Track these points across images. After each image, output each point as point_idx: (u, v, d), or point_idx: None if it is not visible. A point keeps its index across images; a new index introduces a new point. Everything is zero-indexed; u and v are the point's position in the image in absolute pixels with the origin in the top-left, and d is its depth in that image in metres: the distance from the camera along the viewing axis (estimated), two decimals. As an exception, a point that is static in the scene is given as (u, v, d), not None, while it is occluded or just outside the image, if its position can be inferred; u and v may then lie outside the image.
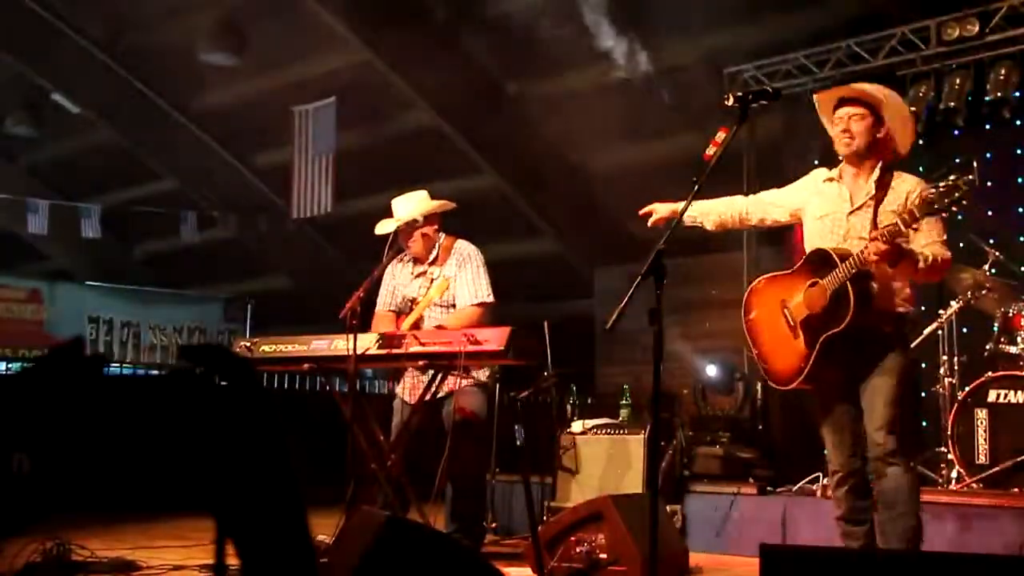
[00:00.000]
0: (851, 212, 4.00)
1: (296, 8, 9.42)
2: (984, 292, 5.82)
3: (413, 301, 5.17)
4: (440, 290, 5.00)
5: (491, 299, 5.09)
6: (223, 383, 0.84)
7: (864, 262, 3.77)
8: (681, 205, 4.12)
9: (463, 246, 5.21)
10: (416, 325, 4.94)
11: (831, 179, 4.12)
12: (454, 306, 5.09)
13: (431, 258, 5.21)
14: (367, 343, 4.73)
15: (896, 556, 3.23)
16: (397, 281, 5.29)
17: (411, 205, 5.19)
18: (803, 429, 5.78)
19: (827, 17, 7.63)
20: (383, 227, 5.17)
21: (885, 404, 3.87)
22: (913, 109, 6.53)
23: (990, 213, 6.56)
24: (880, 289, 3.89)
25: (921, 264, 3.82)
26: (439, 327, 4.90)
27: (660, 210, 4.25)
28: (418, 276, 5.23)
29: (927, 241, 3.90)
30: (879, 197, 3.95)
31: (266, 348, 5.09)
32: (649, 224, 4.27)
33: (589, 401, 7.95)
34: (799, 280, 4.03)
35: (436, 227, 5.23)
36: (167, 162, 12.46)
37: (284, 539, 0.83)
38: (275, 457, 0.83)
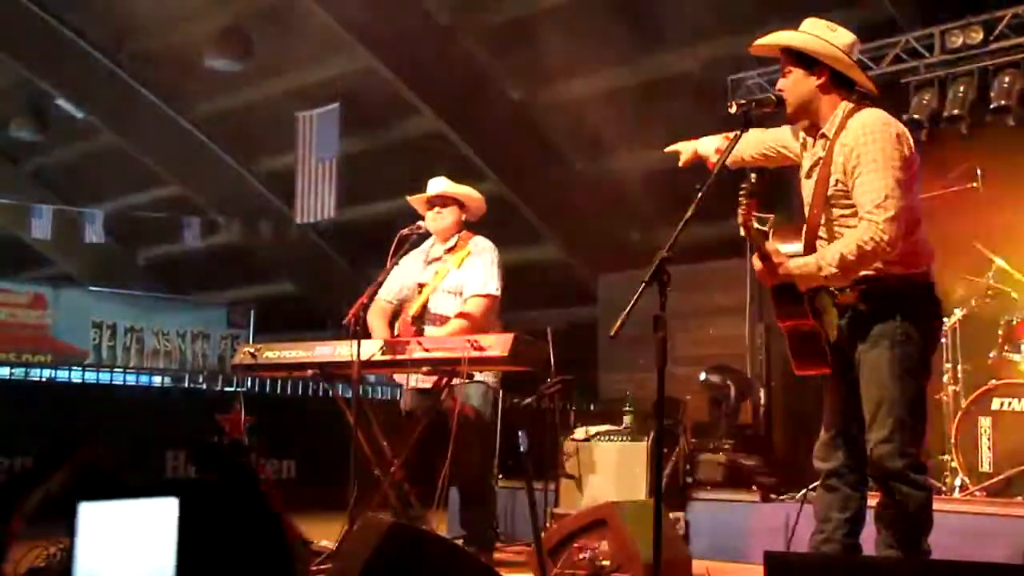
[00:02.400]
0: (807, 175, 3.53)
1: (300, 14, 9.43)
2: (988, 300, 5.81)
3: (422, 285, 5.18)
4: (456, 264, 5.07)
5: (498, 293, 5.11)
6: (229, 488, 0.83)
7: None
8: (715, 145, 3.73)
9: (481, 240, 5.27)
10: (423, 308, 5.03)
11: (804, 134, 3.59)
12: (461, 294, 5.10)
13: (448, 246, 5.23)
14: (371, 349, 4.73)
15: (900, 564, 3.21)
16: (408, 270, 5.27)
17: (446, 182, 5.31)
18: (806, 436, 5.77)
19: (830, 24, 7.62)
20: (415, 199, 5.29)
21: (874, 403, 3.32)
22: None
23: (993, 221, 6.54)
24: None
25: (824, 272, 3.21)
26: (459, 314, 4.97)
27: (683, 149, 3.87)
28: (432, 262, 5.25)
29: (859, 215, 3.22)
30: (827, 155, 3.38)
31: (270, 354, 5.10)
32: (680, 164, 3.87)
33: (592, 407, 7.93)
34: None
35: (463, 215, 5.30)
36: (171, 167, 12.46)
37: None
38: (274, 558, 0.83)
